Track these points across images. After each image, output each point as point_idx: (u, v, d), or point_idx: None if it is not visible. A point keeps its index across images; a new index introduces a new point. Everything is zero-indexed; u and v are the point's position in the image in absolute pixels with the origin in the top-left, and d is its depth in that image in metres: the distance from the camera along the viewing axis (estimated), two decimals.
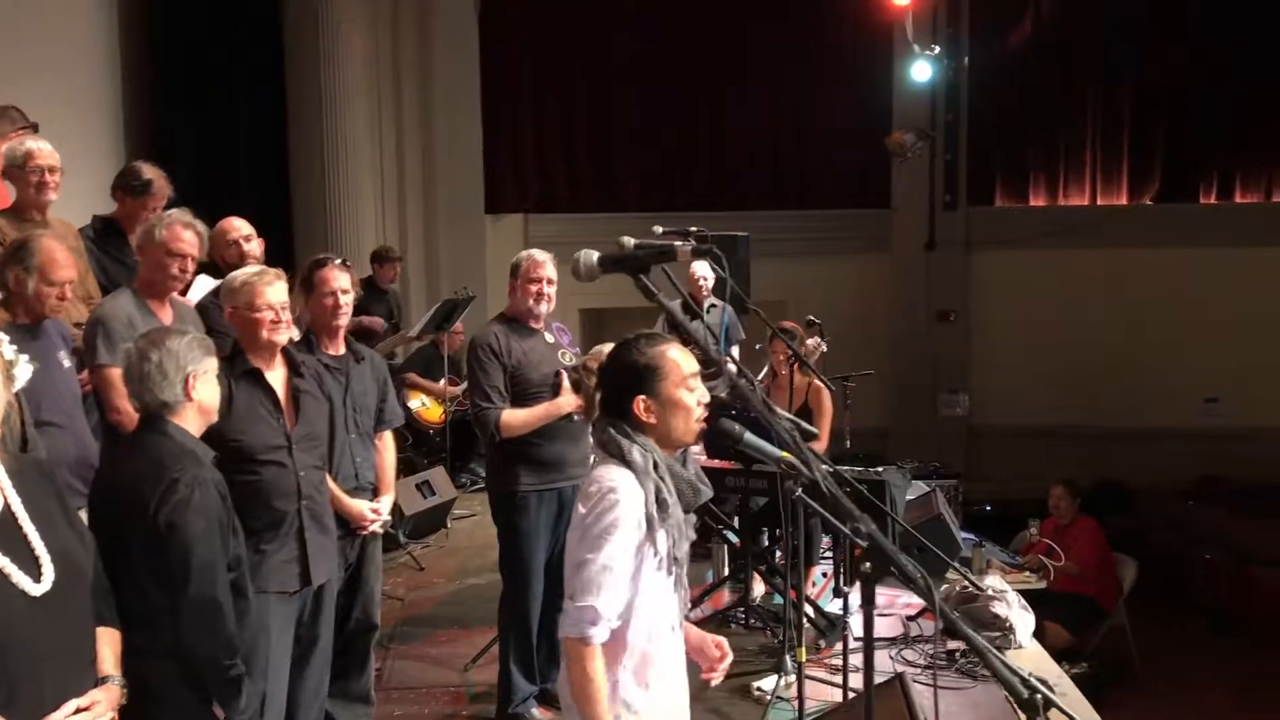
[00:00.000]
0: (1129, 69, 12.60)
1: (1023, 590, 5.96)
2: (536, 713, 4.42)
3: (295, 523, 3.54)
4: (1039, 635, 5.84)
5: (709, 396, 2.47)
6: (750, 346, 7.65)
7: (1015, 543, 8.11)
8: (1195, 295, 12.26)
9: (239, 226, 4.86)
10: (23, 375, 2.42)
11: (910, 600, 5.29)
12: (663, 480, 2.38)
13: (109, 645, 2.47)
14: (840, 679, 4.22)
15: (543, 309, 4.35)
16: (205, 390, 2.94)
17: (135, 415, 3.01)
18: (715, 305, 7.48)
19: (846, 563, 4.69)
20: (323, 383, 3.80)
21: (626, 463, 2.37)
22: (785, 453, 2.32)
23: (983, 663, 2.14)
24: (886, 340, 12.43)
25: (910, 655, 4.87)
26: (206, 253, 4.37)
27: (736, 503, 5.60)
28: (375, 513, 4.10)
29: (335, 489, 3.93)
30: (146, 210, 4.74)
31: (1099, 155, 12.69)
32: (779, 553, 5.44)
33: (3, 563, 2.17)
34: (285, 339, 3.60)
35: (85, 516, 2.75)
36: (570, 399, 4.26)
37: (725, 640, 2.64)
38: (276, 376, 3.60)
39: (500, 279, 4.63)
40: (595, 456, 2.50)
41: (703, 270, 7.24)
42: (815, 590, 5.70)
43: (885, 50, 12.18)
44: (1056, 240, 12.28)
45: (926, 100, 12.30)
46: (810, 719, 3.81)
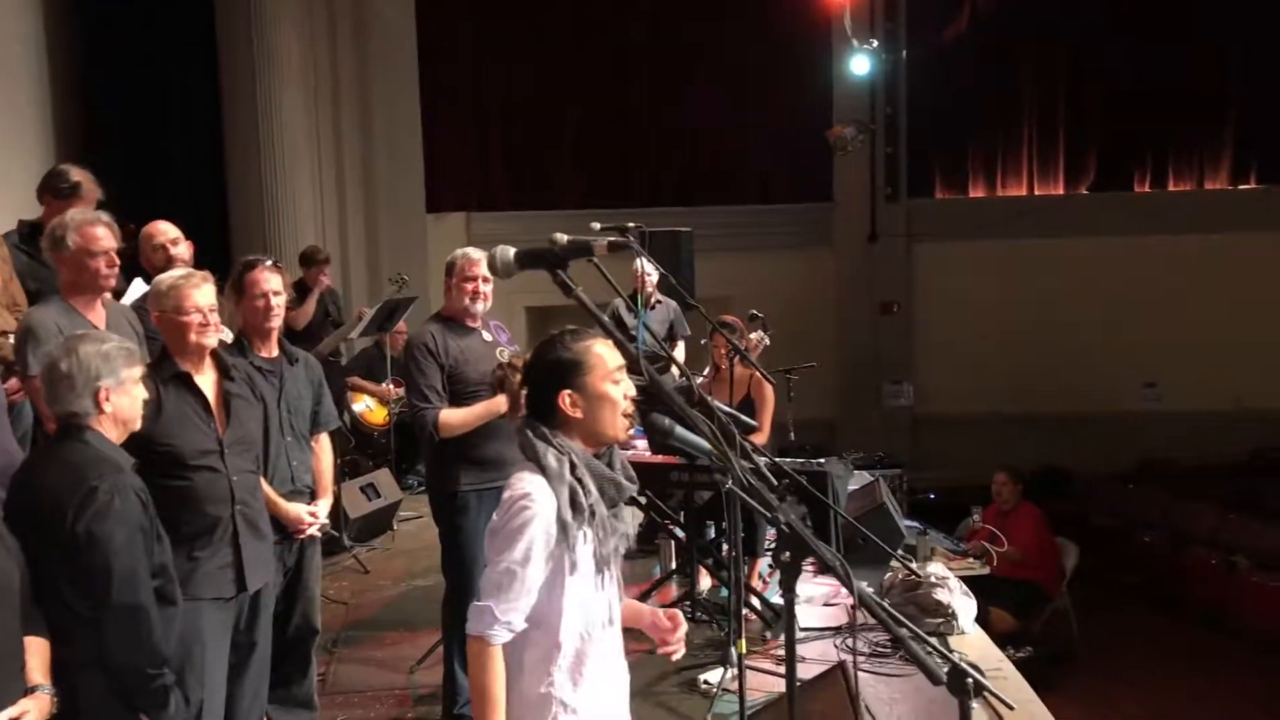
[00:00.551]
0: (1064, 61, 12.83)
1: (966, 577, 6.02)
2: None
3: (229, 528, 3.49)
4: (983, 621, 5.91)
5: (634, 390, 2.46)
6: (696, 341, 7.67)
7: (959, 530, 8.20)
8: (1132, 282, 12.52)
9: (165, 230, 4.77)
10: None
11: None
12: (580, 481, 2.37)
13: (37, 655, 2.43)
14: (784, 670, 4.23)
15: (479, 307, 4.31)
16: (122, 401, 2.88)
17: None
18: (660, 302, 7.48)
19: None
20: (255, 386, 3.74)
21: (541, 467, 2.36)
22: (726, 450, 2.32)
23: (901, 648, 2.16)
24: (831, 332, 12.55)
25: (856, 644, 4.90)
26: (129, 252, 4.29)
27: (682, 497, 5.61)
28: (313, 516, 4.05)
29: (271, 493, 3.88)
30: None
31: (1035, 146, 12.91)
32: (725, 546, 5.46)
33: None
34: (214, 342, 3.54)
35: None
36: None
37: (678, 612, 2.64)
38: (207, 380, 3.54)
39: (442, 278, 4.58)
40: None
41: (647, 267, 7.24)
42: (762, 582, 5.73)
43: (824, 44, 12.28)
44: (996, 230, 12.46)
45: (866, 94, 12.42)
46: (751, 710, 3.81)
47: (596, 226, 4.38)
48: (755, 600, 5.24)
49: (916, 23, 12.62)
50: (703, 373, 6.56)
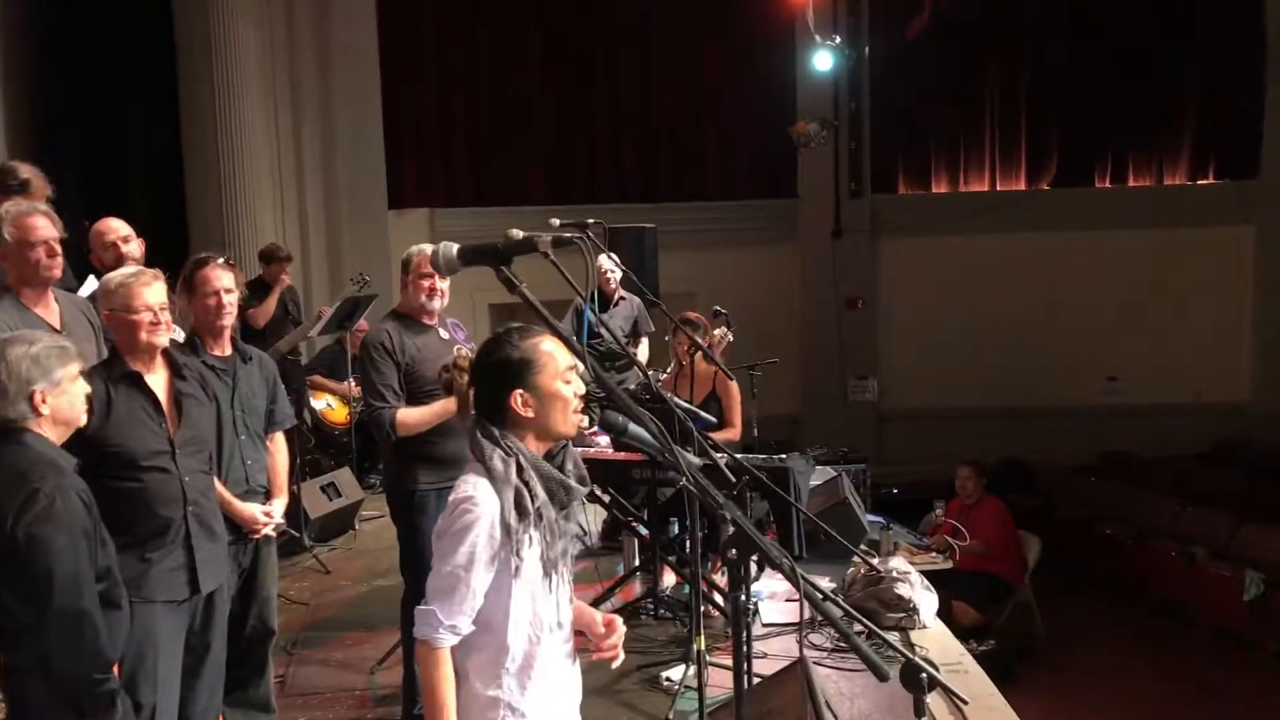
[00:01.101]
0: (1026, 57, 12.94)
1: (929, 571, 6.05)
2: None
3: (181, 529, 3.43)
4: (946, 614, 5.94)
5: (584, 389, 2.43)
6: (660, 338, 7.66)
7: (923, 525, 8.24)
8: (1093, 276, 12.65)
9: (116, 228, 4.69)
10: None
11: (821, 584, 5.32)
12: (527, 484, 2.34)
13: None
14: (746, 666, 4.23)
15: (435, 305, 4.26)
16: (60, 401, 2.82)
17: None
18: (624, 298, 7.45)
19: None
20: (207, 385, 3.68)
21: (487, 469, 2.33)
22: (672, 445, 2.30)
23: (846, 643, 2.16)
24: (796, 328, 12.59)
25: (816, 639, 4.90)
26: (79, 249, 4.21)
27: (644, 494, 5.60)
28: (268, 515, 4.00)
29: (225, 493, 3.82)
30: None
31: (997, 142, 13.01)
32: (688, 542, 5.45)
33: None
34: (165, 341, 3.47)
35: None
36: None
37: (617, 617, 2.61)
38: (158, 379, 3.48)
39: None
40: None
41: (608, 264, 7.21)
42: (724, 578, 5.72)
43: (787, 41, 12.32)
44: (959, 226, 12.54)
45: (829, 90, 12.47)
46: (711, 707, 3.80)
47: (556, 223, 4.35)
48: (717, 597, 5.22)
49: (879, 19, 12.68)
50: (666, 370, 6.55)
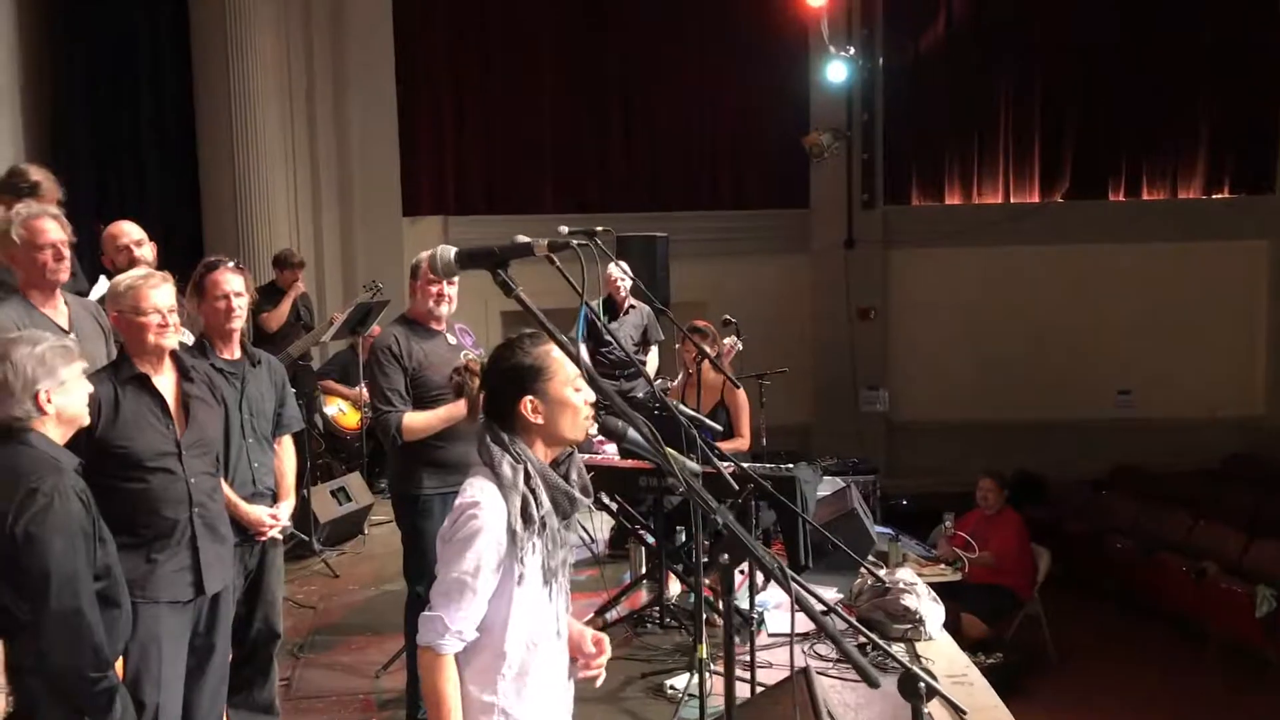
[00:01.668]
0: (1040, 68, 12.90)
1: (938, 583, 6.04)
2: None
3: (187, 531, 3.45)
4: (954, 626, 5.92)
5: (594, 396, 2.44)
6: (670, 346, 7.67)
7: (932, 536, 8.21)
8: (1106, 290, 12.60)
9: (129, 231, 4.73)
10: None
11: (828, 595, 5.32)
12: (534, 492, 2.34)
13: None
14: (749, 675, 4.23)
15: (443, 310, 4.29)
16: (64, 400, 2.84)
17: None
18: (634, 307, 7.46)
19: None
20: (215, 387, 3.70)
21: (495, 474, 2.33)
22: (663, 449, 2.31)
23: (836, 648, 2.17)
24: (807, 338, 12.57)
25: (822, 649, 4.89)
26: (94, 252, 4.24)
27: (651, 503, 5.60)
28: (274, 518, 4.02)
29: (232, 495, 3.85)
30: None
31: (1011, 153, 12.97)
32: (693, 550, 5.44)
33: None
34: (174, 343, 3.50)
35: None
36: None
37: (606, 637, 2.60)
38: (166, 382, 3.51)
39: None
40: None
41: (618, 272, 7.23)
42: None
43: (801, 51, 12.34)
44: (972, 237, 12.52)
45: (842, 101, 12.48)
46: (712, 716, 3.81)
47: (564, 230, 4.36)
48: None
49: (893, 30, 12.69)
50: (675, 378, 6.56)
